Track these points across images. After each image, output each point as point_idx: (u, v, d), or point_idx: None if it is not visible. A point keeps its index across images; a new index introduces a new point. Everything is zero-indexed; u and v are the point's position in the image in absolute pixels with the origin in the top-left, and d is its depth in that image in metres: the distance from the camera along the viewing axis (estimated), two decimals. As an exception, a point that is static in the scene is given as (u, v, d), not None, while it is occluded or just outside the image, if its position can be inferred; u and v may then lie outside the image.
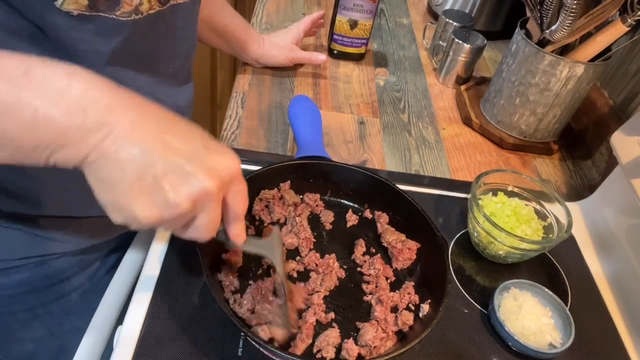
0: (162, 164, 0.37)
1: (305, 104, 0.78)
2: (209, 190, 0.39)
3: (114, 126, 0.36)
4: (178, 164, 0.38)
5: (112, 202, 0.38)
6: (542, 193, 0.69)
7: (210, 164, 0.39)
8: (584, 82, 0.82)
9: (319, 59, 0.97)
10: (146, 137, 0.37)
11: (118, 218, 0.39)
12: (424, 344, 0.56)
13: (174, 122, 0.40)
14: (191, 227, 0.41)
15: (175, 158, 0.38)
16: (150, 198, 0.37)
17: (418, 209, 0.62)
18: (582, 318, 0.62)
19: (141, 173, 0.37)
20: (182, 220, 0.40)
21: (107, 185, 0.37)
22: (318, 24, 1.02)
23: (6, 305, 0.66)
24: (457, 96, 1.02)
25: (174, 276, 0.58)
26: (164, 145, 0.38)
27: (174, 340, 0.52)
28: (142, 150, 0.37)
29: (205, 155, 0.39)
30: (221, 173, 0.40)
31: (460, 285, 0.64)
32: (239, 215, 0.45)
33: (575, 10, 0.74)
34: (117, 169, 0.37)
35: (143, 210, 0.37)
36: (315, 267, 0.60)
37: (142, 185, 0.37)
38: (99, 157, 0.36)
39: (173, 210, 0.38)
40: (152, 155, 0.37)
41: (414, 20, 1.29)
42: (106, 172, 0.37)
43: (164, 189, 0.37)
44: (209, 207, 0.40)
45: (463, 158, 0.88)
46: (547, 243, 0.64)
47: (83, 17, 0.46)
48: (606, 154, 0.86)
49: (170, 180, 0.37)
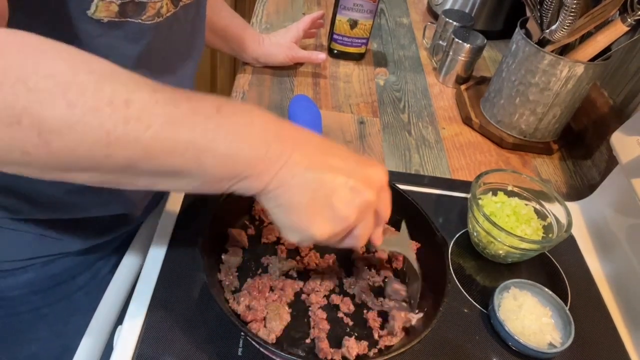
0: (331, 183, 0.42)
1: (305, 103, 0.78)
2: (371, 201, 0.43)
3: (290, 155, 0.40)
4: (343, 182, 0.42)
5: (291, 225, 0.43)
6: (542, 193, 0.69)
7: (367, 176, 0.43)
8: (584, 82, 0.82)
9: (319, 58, 0.97)
10: (314, 162, 0.42)
11: (294, 238, 0.44)
12: (424, 344, 0.56)
13: (329, 145, 0.45)
14: (350, 237, 0.45)
15: (339, 176, 0.42)
16: (324, 216, 0.42)
17: (418, 208, 0.62)
18: (582, 318, 0.62)
19: (315, 194, 0.41)
20: (347, 231, 0.44)
21: (287, 209, 0.42)
22: (318, 24, 1.02)
23: (13, 306, 0.66)
24: (457, 96, 1.02)
25: (174, 276, 0.58)
26: (329, 167, 0.42)
27: (174, 340, 0.52)
28: (314, 174, 0.41)
29: (361, 169, 0.44)
30: (376, 184, 0.44)
31: (460, 285, 0.64)
32: (384, 220, 0.48)
33: (575, 10, 0.74)
34: (298, 193, 0.41)
35: (319, 228, 0.42)
36: (315, 267, 0.60)
37: (317, 205, 0.41)
38: (278, 185, 0.41)
39: (344, 224, 0.42)
40: (321, 177, 0.41)
41: (414, 20, 1.29)
42: (285, 198, 0.41)
43: (335, 206, 0.42)
44: (369, 215, 0.45)
45: (463, 158, 0.88)
46: (547, 243, 0.64)
47: (113, 24, 0.47)
48: (606, 154, 0.86)
49: (339, 197, 0.42)
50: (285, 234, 0.44)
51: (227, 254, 0.59)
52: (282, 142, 0.41)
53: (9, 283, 0.63)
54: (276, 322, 0.52)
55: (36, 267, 0.64)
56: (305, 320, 0.55)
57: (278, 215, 0.43)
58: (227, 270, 0.57)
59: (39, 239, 0.62)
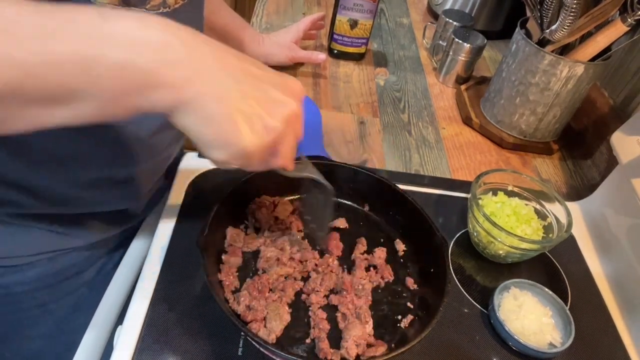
0: (254, 91, 0.38)
1: (305, 103, 0.78)
2: (297, 110, 0.41)
3: (201, 59, 0.36)
4: (266, 90, 0.39)
5: (216, 138, 0.38)
6: (542, 193, 0.69)
7: (287, 86, 0.41)
8: (584, 82, 0.82)
9: (319, 58, 0.97)
10: (233, 69, 0.38)
11: (222, 154, 0.39)
12: (424, 344, 0.56)
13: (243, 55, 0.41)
14: (274, 155, 0.42)
15: (262, 85, 0.39)
16: (254, 126, 0.38)
17: (418, 208, 0.62)
18: (582, 318, 0.62)
19: (239, 103, 0.37)
20: (274, 145, 0.41)
21: (210, 122, 0.37)
22: (318, 25, 1.02)
23: (19, 301, 0.66)
24: (457, 96, 1.02)
25: (174, 276, 0.58)
26: (249, 74, 0.39)
27: (174, 340, 0.52)
28: (235, 82, 0.37)
29: (281, 79, 0.41)
30: (297, 93, 0.42)
31: (460, 285, 0.64)
32: (299, 139, 0.45)
33: (575, 10, 0.74)
34: (217, 103, 0.37)
35: (249, 139, 0.38)
36: (315, 267, 0.60)
37: (244, 116, 0.38)
38: (195, 96, 0.36)
39: (272, 134, 0.39)
40: (244, 85, 0.38)
41: (414, 20, 1.29)
42: (206, 110, 0.36)
43: (262, 116, 0.38)
44: (295, 127, 0.42)
45: (463, 158, 0.88)
46: (547, 243, 0.64)
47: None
48: (606, 154, 0.86)
49: (265, 106, 0.39)
50: (212, 153, 0.39)
51: (227, 254, 0.59)
52: (189, 45, 0.36)
53: (16, 279, 0.63)
54: (276, 322, 0.53)
55: (42, 262, 0.64)
56: (305, 320, 0.55)
57: (201, 131, 0.38)
58: (227, 270, 0.57)
59: (44, 235, 0.62)
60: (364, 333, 0.53)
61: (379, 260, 0.62)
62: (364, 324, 0.54)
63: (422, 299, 0.59)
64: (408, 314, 0.57)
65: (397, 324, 0.56)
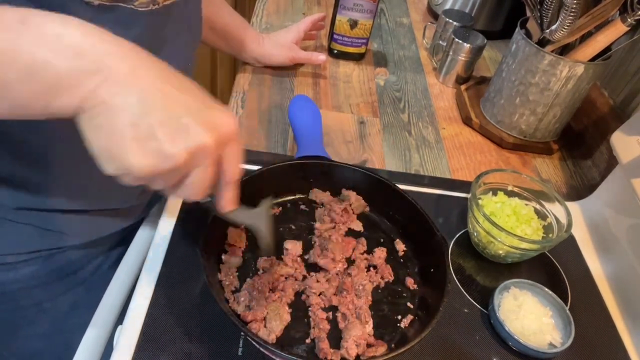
0: (160, 113, 0.36)
1: (305, 103, 0.78)
2: (206, 145, 0.37)
3: (112, 71, 0.36)
4: (176, 115, 0.37)
5: (105, 149, 0.37)
6: (542, 193, 0.69)
7: (209, 119, 0.38)
8: (584, 82, 0.82)
9: (319, 59, 0.97)
10: (144, 85, 0.36)
11: (111, 168, 0.37)
12: (424, 344, 0.56)
13: (174, 75, 0.39)
14: (183, 185, 0.40)
15: (174, 109, 0.37)
16: (145, 147, 0.36)
17: (418, 208, 0.62)
18: (582, 318, 0.62)
19: (137, 120, 0.36)
20: (175, 174, 0.39)
21: (101, 132, 0.36)
22: (318, 26, 1.02)
23: (15, 299, 0.66)
24: (457, 96, 1.02)
25: (174, 276, 0.58)
26: (163, 95, 0.37)
27: (174, 340, 0.52)
28: (140, 98, 0.36)
29: (205, 109, 0.38)
30: (220, 129, 0.38)
31: (460, 285, 0.64)
32: (233, 178, 0.43)
33: (575, 10, 0.74)
34: (113, 115, 0.36)
35: (136, 158, 0.36)
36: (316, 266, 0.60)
37: (137, 133, 0.36)
38: (95, 103, 0.35)
39: (168, 162, 0.37)
40: (149, 103, 0.36)
41: (414, 20, 1.29)
42: (101, 118, 0.36)
43: (160, 139, 0.36)
44: (204, 163, 0.39)
45: (463, 158, 0.88)
46: (547, 243, 0.64)
47: (103, 7, 0.46)
48: (606, 154, 0.86)
49: (167, 131, 0.36)
50: (101, 163, 0.38)
51: (227, 254, 0.59)
52: (107, 57, 0.36)
53: (12, 276, 0.63)
54: (276, 322, 0.53)
55: (38, 260, 0.64)
56: (305, 320, 0.55)
57: (93, 139, 0.37)
58: (227, 270, 0.57)
59: (40, 233, 0.62)
60: (363, 333, 0.53)
61: (379, 260, 0.62)
62: (364, 324, 0.54)
63: (422, 299, 0.59)
64: (408, 314, 0.57)
65: (397, 324, 0.56)
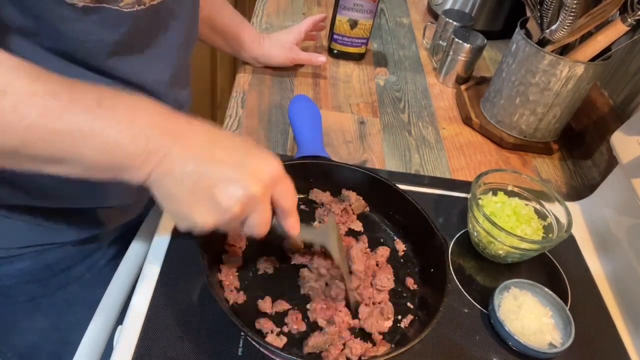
0: (212, 175, 0.43)
1: (305, 103, 0.78)
2: (254, 194, 0.44)
3: (171, 148, 0.43)
4: (225, 174, 0.43)
5: (176, 212, 0.45)
6: (542, 193, 0.69)
7: (253, 170, 0.44)
8: (584, 82, 0.82)
9: (319, 60, 0.97)
10: (197, 155, 0.43)
11: (183, 225, 0.46)
12: (424, 344, 0.56)
13: (219, 137, 0.46)
14: (246, 226, 0.47)
15: (222, 169, 0.44)
16: (205, 206, 0.43)
17: (418, 208, 0.62)
18: (582, 318, 0.62)
19: (195, 186, 0.43)
20: (236, 221, 0.45)
21: (169, 198, 0.44)
22: (319, 27, 1.02)
23: (9, 294, 0.67)
24: (457, 96, 1.02)
25: (174, 276, 0.58)
26: (212, 159, 0.44)
27: (174, 340, 0.52)
28: (194, 166, 0.43)
29: (248, 162, 0.45)
30: (263, 177, 0.45)
31: (460, 285, 0.64)
32: (289, 210, 0.49)
33: (576, 10, 0.74)
34: (176, 184, 0.43)
35: (201, 216, 0.44)
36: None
37: (197, 196, 0.43)
38: (160, 176, 0.43)
39: (226, 215, 0.44)
40: (202, 169, 0.43)
41: (414, 20, 1.29)
42: (167, 188, 0.44)
43: (216, 197, 0.43)
44: (257, 208, 0.45)
45: (463, 158, 0.88)
46: (547, 243, 0.64)
47: (88, 9, 0.46)
48: (606, 154, 0.86)
49: (220, 189, 0.43)
50: (175, 222, 0.46)
51: (227, 254, 0.59)
52: (164, 136, 0.43)
53: (5, 271, 0.64)
54: None
55: (31, 255, 0.64)
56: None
57: (164, 205, 0.45)
58: (227, 270, 0.57)
59: (32, 228, 0.63)
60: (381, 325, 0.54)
61: (381, 259, 0.62)
62: (385, 319, 0.55)
63: (422, 299, 0.59)
64: (408, 314, 0.57)
65: (397, 324, 0.56)
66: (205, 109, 1.87)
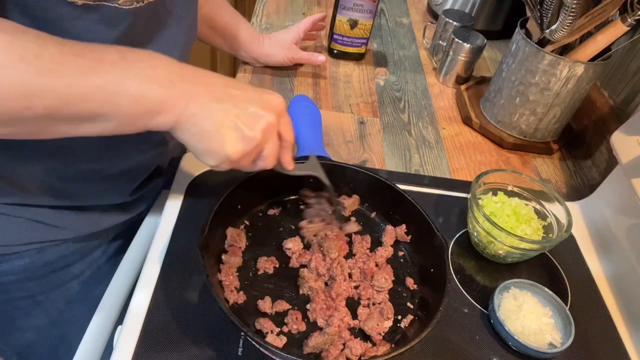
0: (234, 109, 0.47)
1: (305, 103, 0.78)
2: (272, 122, 0.49)
3: (194, 91, 0.46)
4: (245, 107, 0.48)
5: (206, 148, 0.48)
6: (542, 193, 0.69)
7: (267, 103, 0.50)
8: (584, 82, 0.82)
9: (318, 60, 0.97)
10: (217, 94, 0.48)
11: (212, 161, 0.49)
12: (424, 344, 0.56)
13: (229, 80, 0.50)
14: (260, 158, 0.51)
15: (242, 103, 0.48)
16: (234, 137, 0.47)
17: (418, 208, 0.62)
18: (582, 318, 0.62)
19: (222, 120, 0.47)
20: (256, 151, 0.50)
21: (200, 136, 0.47)
22: (319, 26, 1.02)
23: (7, 291, 0.67)
24: (457, 96, 1.02)
25: (174, 276, 0.58)
26: (231, 96, 0.48)
27: (174, 340, 0.52)
28: (219, 104, 0.47)
29: (260, 96, 0.50)
30: (276, 107, 0.50)
31: (460, 285, 0.64)
32: (290, 143, 0.54)
33: (575, 10, 0.74)
34: (205, 120, 0.47)
35: (232, 147, 0.47)
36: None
37: (225, 129, 0.47)
38: (189, 117, 0.46)
39: (252, 143, 0.48)
40: (226, 105, 0.47)
41: (414, 20, 1.29)
42: (197, 127, 0.47)
43: (241, 128, 0.47)
44: (272, 137, 0.51)
45: (463, 158, 0.88)
46: (547, 243, 0.64)
47: (87, 7, 0.47)
48: (606, 154, 0.86)
49: (244, 120, 0.48)
50: (204, 160, 0.49)
51: (227, 254, 0.59)
52: (186, 81, 0.46)
53: (4, 268, 0.64)
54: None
55: (30, 253, 0.64)
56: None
57: (194, 144, 0.48)
58: (227, 270, 0.57)
59: (32, 225, 0.63)
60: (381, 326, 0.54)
61: (380, 259, 0.62)
62: (385, 319, 0.55)
63: (422, 299, 0.59)
64: (408, 314, 0.57)
65: (397, 324, 0.56)
66: (205, 109, 1.87)
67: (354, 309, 0.57)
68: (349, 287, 0.58)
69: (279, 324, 0.54)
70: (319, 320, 0.54)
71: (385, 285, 0.59)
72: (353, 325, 0.55)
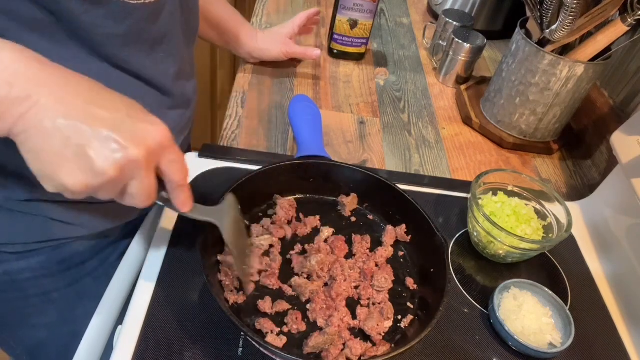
0: (87, 133, 0.39)
1: (305, 103, 0.78)
2: (134, 158, 0.40)
3: (40, 97, 0.38)
4: (102, 133, 0.39)
5: (41, 171, 0.40)
6: (542, 193, 0.69)
7: (136, 133, 0.40)
8: (584, 82, 0.82)
9: (314, 54, 0.97)
10: (71, 108, 0.39)
11: (49, 187, 0.41)
12: (424, 344, 0.56)
13: (100, 93, 0.41)
14: (127, 195, 0.43)
15: (100, 127, 0.39)
16: (76, 166, 0.39)
17: (418, 208, 0.62)
18: (582, 318, 0.62)
19: (66, 142, 0.38)
20: (113, 188, 0.41)
21: (35, 155, 0.39)
22: (314, 20, 1.01)
23: (22, 289, 0.67)
24: (457, 96, 1.02)
25: (174, 276, 0.58)
26: (89, 115, 0.39)
27: (174, 340, 0.52)
28: (67, 120, 0.38)
29: (131, 124, 0.41)
30: (147, 141, 0.41)
31: (460, 285, 0.64)
32: (178, 183, 0.46)
33: (575, 10, 0.74)
34: (43, 138, 0.38)
35: (69, 177, 0.39)
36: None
37: (67, 154, 0.39)
38: (26, 128, 0.38)
39: (99, 178, 0.39)
40: (76, 124, 0.39)
41: (414, 20, 1.29)
42: (33, 142, 0.39)
43: (90, 157, 0.39)
44: (139, 175, 0.41)
45: (463, 158, 0.88)
46: (547, 243, 0.64)
47: (94, 2, 0.47)
48: (606, 154, 0.86)
49: (95, 149, 0.39)
50: (41, 182, 0.41)
51: (227, 254, 0.58)
52: (32, 84, 0.38)
53: (20, 266, 0.64)
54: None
55: (46, 250, 0.64)
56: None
57: (29, 161, 0.40)
58: (227, 270, 0.57)
59: (48, 223, 0.63)
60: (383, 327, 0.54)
61: (380, 259, 0.62)
62: (385, 319, 0.55)
63: (422, 299, 0.59)
64: (408, 314, 0.57)
65: (397, 324, 0.56)
66: (205, 109, 1.87)
67: (354, 309, 0.57)
68: (349, 287, 0.58)
69: (279, 324, 0.54)
70: (319, 320, 0.54)
71: (385, 285, 0.59)
72: (353, 325, 0.55)
